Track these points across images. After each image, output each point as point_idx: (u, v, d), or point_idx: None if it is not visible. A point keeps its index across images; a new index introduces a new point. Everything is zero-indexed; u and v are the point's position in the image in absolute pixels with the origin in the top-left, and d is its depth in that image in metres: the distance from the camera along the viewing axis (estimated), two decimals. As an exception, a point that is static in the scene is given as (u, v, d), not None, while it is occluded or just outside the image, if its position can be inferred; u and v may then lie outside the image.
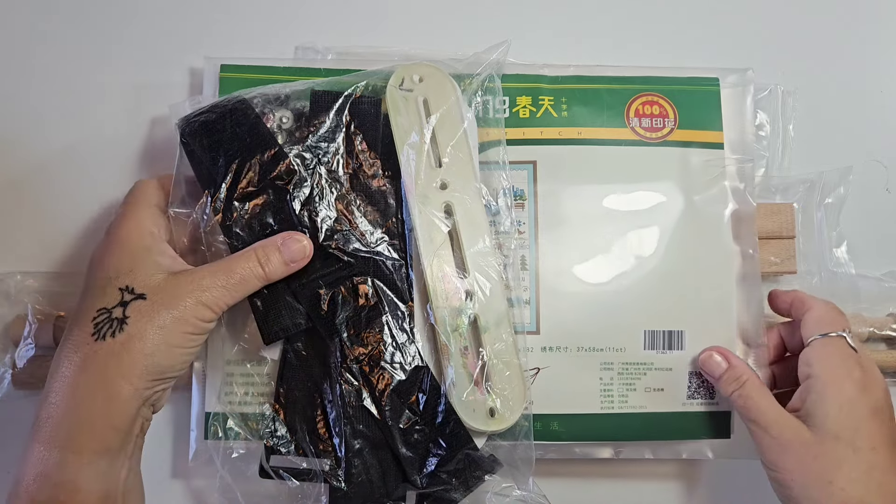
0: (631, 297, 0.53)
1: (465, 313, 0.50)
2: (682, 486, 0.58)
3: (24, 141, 0.57)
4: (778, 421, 0.48)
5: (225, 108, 0.49)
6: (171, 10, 0.59)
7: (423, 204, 0.50)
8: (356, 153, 0.51)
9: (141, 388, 0.42)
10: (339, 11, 0.60)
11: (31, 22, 0.58)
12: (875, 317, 0.59)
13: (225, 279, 0.45)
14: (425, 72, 0.52)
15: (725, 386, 0.50)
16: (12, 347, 0.53)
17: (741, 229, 0.55)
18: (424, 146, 0.51)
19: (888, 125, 0.63)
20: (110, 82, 0.58)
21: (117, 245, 0.46)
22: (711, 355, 0.52)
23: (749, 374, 0.50)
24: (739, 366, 0.51)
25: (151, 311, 0.43)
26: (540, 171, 0.54)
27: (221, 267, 0.46)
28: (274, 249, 0.47)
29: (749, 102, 0.56)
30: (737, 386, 0.50)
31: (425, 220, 0.50)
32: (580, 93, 0.55)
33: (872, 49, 0.63)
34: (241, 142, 0.49)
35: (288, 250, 0.47)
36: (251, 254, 0.46)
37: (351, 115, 0.51)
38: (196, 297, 0.44)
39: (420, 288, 0.51)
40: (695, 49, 0.62)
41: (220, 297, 0.45)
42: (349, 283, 0.49)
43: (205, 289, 0.44)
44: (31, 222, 0.56)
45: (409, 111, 0.51)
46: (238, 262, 0.46)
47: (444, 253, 0.50)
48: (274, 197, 0.49)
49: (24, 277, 0.54)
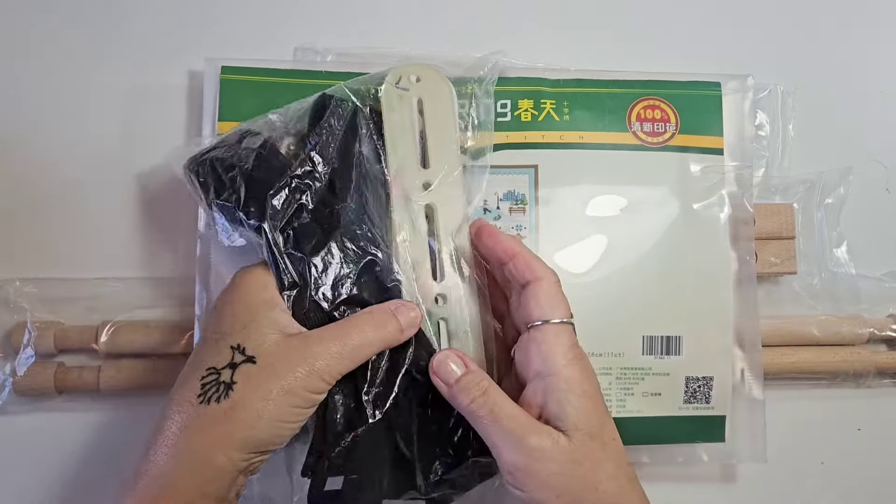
0: (630, 302, 0.53)
1: (434, 316, 0.48)
2: (679, 489, 0.59)
3: (24, 143, 0.56)
4: (533, 429, 0.41)
5: (233, 142, 0.47)
6: (169, 11, 0.58)
7: (405, 203, 0.49)
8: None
9: (238, 459, 0.39)
10: (339, 12, 0.59)
11: (31, 22, 0.57)
12: (875, 318, 0.59)
13: (340, 346, 0.41)
14: (423, 72, 0.51)
15: (464, 394, 0.42)
16: (13, 355, 0.52)
17: (739, 235, 0.55)
18: (414, 146, 0.49)
19: (888, 125, 0.63)
20: (110, 84, 0.57)
21: (238, 293, 0.43)
22: (445, 361, 0.44)
23: (490, 380, 0.43)
24: (479, 371, 0.44)
25: (260, 379, 0.40)
26: (541, 175, 0.54)
27: (335, 332, 0.42)
28: (390, 315, 0.44)
29: (748, 108, 0.56)
30: (479, 392, 0.42)
31: (405, 221, 0.49)
32: (582, 96, 0.55)
33: (872, 49, 0.63)
34: (267, 171, 0.46)
35: (404, 317, 0.44)
36: (367, 317, 0.43)
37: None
38: (309, 365, 0.40)
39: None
40: (695, 49, 0.61)
41: (334, 366, 0.41)
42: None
43: (318, 356, 0.41)
44: (30, 227, 0.56)
45: (402, 109, 0.50)
46: (353, 326, 0.43)
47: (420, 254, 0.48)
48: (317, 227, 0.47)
49: (23, 284, 0.53)
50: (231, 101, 0.53)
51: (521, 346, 0.44)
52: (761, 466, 0.56)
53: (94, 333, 0.53)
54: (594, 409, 0.42)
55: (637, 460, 0.55)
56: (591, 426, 0.41)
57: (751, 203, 0.55)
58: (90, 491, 0.54)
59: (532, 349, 0.43)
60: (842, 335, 0.58)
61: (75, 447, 0.54)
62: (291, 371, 0.40)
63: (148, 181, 0.56)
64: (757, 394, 0.55)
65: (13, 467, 0.54)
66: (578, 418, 0.41)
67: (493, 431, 0.41)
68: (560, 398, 0.41)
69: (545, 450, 0.40)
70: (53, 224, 0.56)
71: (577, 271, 0.53)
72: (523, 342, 0.44)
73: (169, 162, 0.47)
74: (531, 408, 0.42)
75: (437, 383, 0.44)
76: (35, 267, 0.55)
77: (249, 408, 0.39)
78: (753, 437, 0.55)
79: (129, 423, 0.54)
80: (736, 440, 0.54)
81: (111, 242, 0.56)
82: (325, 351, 0.41)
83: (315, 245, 0.45)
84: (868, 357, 0.58)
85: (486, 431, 0.42)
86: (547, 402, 0.42)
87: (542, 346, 0.43)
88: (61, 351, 0.53)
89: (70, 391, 0.53)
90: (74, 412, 0.54)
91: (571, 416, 0.41)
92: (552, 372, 0.42)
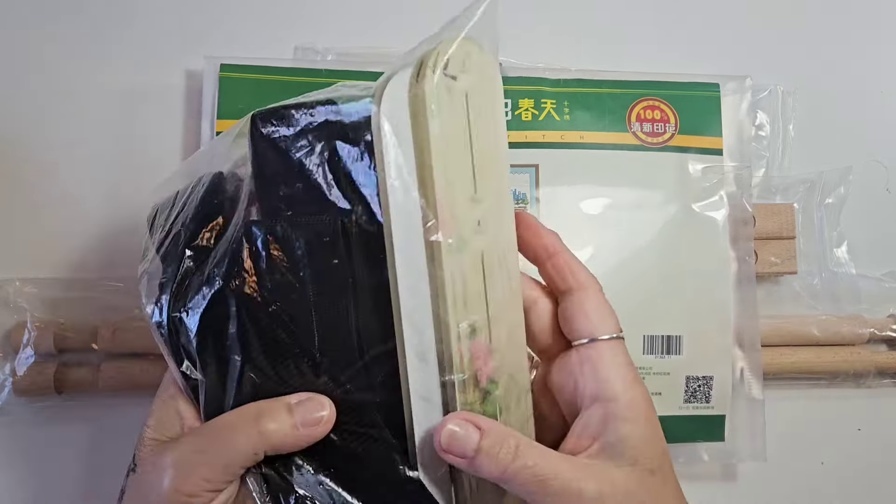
0: (630, 301, 0.53)
1: (491, 394, 0.37)
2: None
3: (23, 143, 0.56)
4: (586, 475, 0.34)
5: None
6: (169, 10, 0.58)
7: (459, 252, 0.34)
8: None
9: None
10: (339, 11, 0.59)
11: (30, 22, 0.57)
12: (875, 318, 0.59)
13: (201, 451, 0.35)
14: (472, 54, 0.35)
15: (491, 462, 0.34)
16: (12, 355, 0.52)
17: (738, 235, 0.55)
18: (468, 165, 0.35)
19: (888, 125, 0.63)
20: (110, 83, 0.57)
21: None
22: (454, 434, 0.34)
23: (515, 435, 0.35)
24: (496, 426, 0.35)
25: (136, 490, 0.36)
26: (542, 174, 0.54)
27: (200, 432, 0.36)
28: (280, 408, 0.36)
29: (747, 109, 0.57)
30: (509, 456, 0.34)
31: (456, 272, 0.34)
32: (582, 96, 0.55)
33: (873, 49, 0.63)
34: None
35: (303, 415, 0.36)
36: (247, 410, 0.36)
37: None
38: (173, 484, 0.35)
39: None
40: (696, 49, 0.61)
41: (195, 478, 0.35)
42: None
43: (177, 464, 0.35)
44: (29, 227, 0.56)
45: (454, 110, 0.34)
46: (224, 424, 0.36)
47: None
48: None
49: (22, 283, 0.53)
50: (230, 99, 0.53)
51: (567, 368, 0.38)
52: (761, 466, 0.56)
53: (94, 333, 0.53)
54: (656, 438, 0.37)
55: (637, 460, 0.55)
56: (653, 460, 0.36)
57: (750, 203, 0.55)
58: (90, 491, 0.54)
59: (587, 371, 0.37)
60: (842, 335, 0.58)
61: (75, 447, 0.54)
62: (155, 486, 0.35)
63: (147, 181, 0.56)
64: (757, 393, 0.55)
65: (13, 467, 0.53)
66: (640, 451, 0.36)
67: (542, 495, 0.34)
68: (621, 427, 0.36)
69: (605, 497, 0.34)
70: (53, 224, 0.56)
71: (577, 271, 0.53)
72: (570, 363, 0.38)
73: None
74: (583, 439, 0.36)
75: (451, 461, 0.35)
76: (35, 267, 0.55)
77: None
78: (753, 436, 0.55)
79: (128, 423, 0.54)
80: (736, 440, 0.55)
81: (111, 242, 0.55)
82: (183, 458, 0.35)
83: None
84: (868, 357, 0.58)
85: (533, 498, 0.34)
86: (605, 431, 0.36)
87: (599, 366, 0.37)
88: (61, 351, 0.53)
89: (70, 391, 0.53)
90: (74, 412, 0.54)
91: (634, 449, 0.35)
92: (613, 397, 0.36)
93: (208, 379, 0.37)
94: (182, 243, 0.37)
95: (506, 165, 0.38)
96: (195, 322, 0.36)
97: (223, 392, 0.37)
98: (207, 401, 0.37)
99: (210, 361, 0.37)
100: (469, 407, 0.36)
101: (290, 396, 0.36)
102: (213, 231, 0.38)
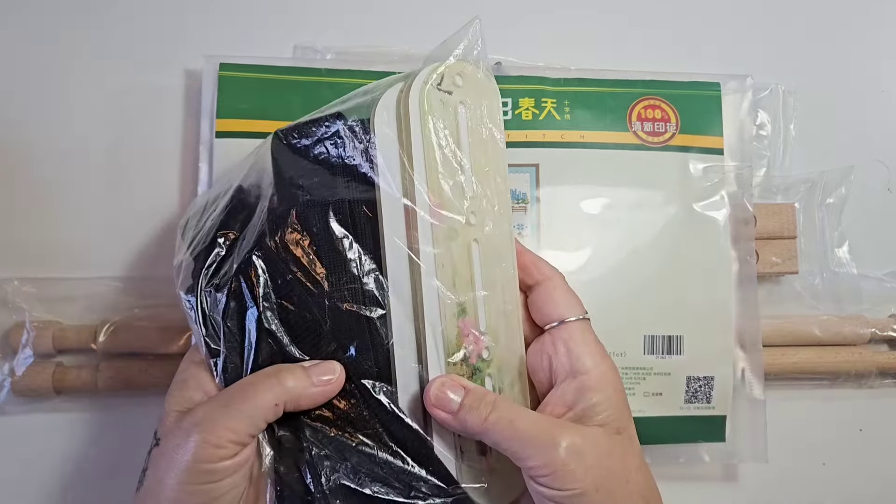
0: (631, 301, 0.53)
1: (481, 372, 0.42)
2: (681, 489, 0.59)
3: (24, 143, 0.56)
4: (563, 428, 0.39)
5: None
6: (168, 10, 0.58)
7: (450, 239, 0.41)
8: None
9: None
10: (338, 11, 0.59)
11: (30, 22, 0.57)
12: (877, 318, 0.59)
13: (225, 406, 0.38)
14: (466, 72, 0.42)
15: (473, 414, 0.39)
16: (11, 355, 0.52)
17: (739, 235, 0.55)
18: (460, 168, 0.42)
19: (890, 125, 0.62)
20: (109, 83, 0.57)
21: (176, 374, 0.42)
22: (443, 390, 0.40)
23: (494, 394, 0.41)
24: (479, 388, 0.41)
25: (160, 462, 0.38)
26: (542, 174, 0.54)
27: (225, 393, 0.39)
28: (295, 368, 0.40)
29: (748, 109, 0.56)
30: (487, 408, 0.39)
31: (445, 259, 0.41)
32: (583, 96, 0.55)
33: (874, 48, 0.63)
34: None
35: (318, 375, 0.40)
36: (265, 371, 0.40)
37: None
38: (200, 437, 0.37)
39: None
40: (696, 49, 0.61)
41: (225, 430, 0.37)
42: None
43: (203, 422, 0.37)
44: (29, 227, 0.55)
45: (446, 119, 0.41)
46: (247, 382, 0.40)
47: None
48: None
49: (21, 283, 0.53)
50: (230, 99, 0.53)
51: (541, 349, 0.43)
52: (762, 467, 0.56)
53: (93, 333, 0.53)
54: (622, 405, 0.41)
55: (638, 461, 0.55)
56: (620, 421, 0.40)
57: (751, 203, 0.55)
58: (89, 491, 0.54)
59: (560, 349, 0.42)
60: (843, 335, 0.58)
61: (74, 447, 0.54)
62: (182, 448, 0.37)
63: (147, 180, 0.56)
64: (758, 394, 0.55)
65: (12, 467, 0.53)
66: (609, 415, 0.40)
67: (517, 441, 0.38)
68: (592, 396, 0.40)
69: (580, 446, 0.38)
70: (53, 224, 0.55)
71: (577, 270, 0.53)
72: (543, 345, 0.43)
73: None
74: (557, 407, 0.41)
75: (438, 417, 0.40)
76: (34, 267, 0.55)
77: (153, 496, 0.37)
78: (754, 437, 0.55)
79: (127, 423, 0.54)
80: (737, 440, 0.54)
81: (110, 242, 0.55)
82: (208, 413, 0.38)
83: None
84: (870, 357, 0.58)
85: (509, 445, 0.39)
86: (578, 400, 0.40)
87: (571, 344, 0.42)
88: (60, 351, 0.53)
89: (68, 391, 0.53)
90: (73, 412, 0.54)
91: (603, 412, 0.40)
92: (584, 370, 0.41)
93: (229, 347, 0.41)
94: (213, 230, 0.42)
95: (504, 169, 0.43)
96: (224, 294, 0.41)
97: (241, 361, 0.41)
98: (227, 370, 0.40)
99: (233, 330, 0.41)
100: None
101: (304, 362, 0.40)
102: (240, 221, 0.43)
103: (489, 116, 0.43)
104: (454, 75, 0.41)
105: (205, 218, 0.43)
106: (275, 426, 0.40)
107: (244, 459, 0.38)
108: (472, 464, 0.42)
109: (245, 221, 0.42)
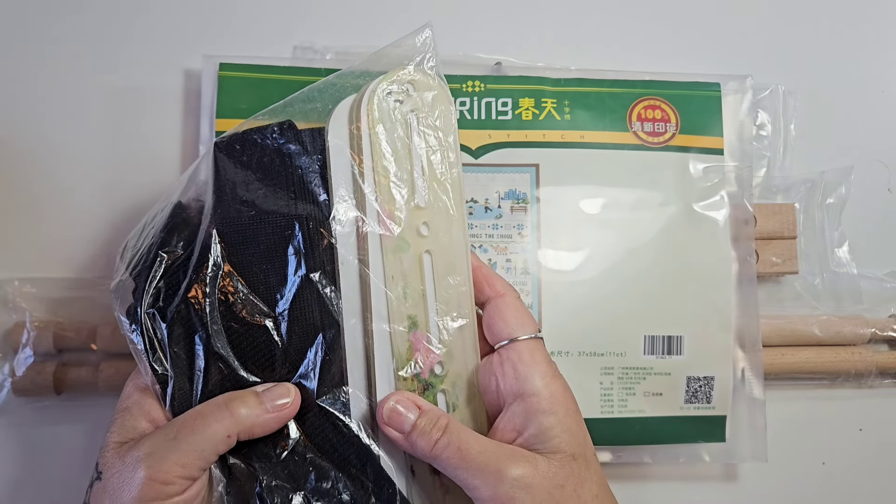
0: (632, 301, 0.53)
1: (434, 388, 0.41)
2: (681, 489, 0.59)
3: (23, 143, 0.56)
4: (511, 458, 0.37)
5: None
6: (168, 10, 0.58)
7: (401, 250, 0.40)
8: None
9: None
10: (338, 11, 0.59)
11: (30, 22, 0.57)
12: (877, 318, 0.59)
13: (173, 439, 0.36)
14: (418, 80, 0.42)
15: (423, 438, 0.37)
16: (11, 355, 0.52)
17: (739, 235, 0.55)
18: (410, 175, 0.41)
19: (890, 125, 0.62)
20: (109, 84, 0.57)
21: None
22: (397, 408, 0.38)
23: (448, 416, 0.39)
24: (433, 408, 0.39)
25: (103, 500, 0.36)
26: (542, 174, 0.54)
27: (173, 424, 0.37)
28: (249, 396, 0.38)
29: (748, 109, 0.56)
30: (438, 432, 0.37)
31: (398, 274, 0.40)
32: (583, 96, 0.55)
33: (874, 49, 0.63)
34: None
35: (271, 400, 0.38)
36: (215, 401, 0.38)
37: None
38: (146, 473, 0.35)
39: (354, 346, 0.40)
40: (697, 49, 0.61)
41: (171, 465, 0.35)
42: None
43: (149, 458, 0.35)
44: (28, 227, 0.56)
45: (396, 129, 0.41)
46: (196, 414, 0.37)
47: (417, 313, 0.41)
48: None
49: (21, 283, 0.53)
50: (229, 98, 0.53)
51: (489, 369, 0.41)
52: (762, 466, 0.56)
53: (93, 333, 0.53)
54: (576, 427, 0.39)
55: (639, 460, 0.55)
56: (574, 446, 0.38)
57: (751, 203, 0.55)
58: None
59: (507, 370, 0.40)
60: (843, 335, 0.58)
61: (74, 447, 0.54)
62: (126, 483, 0.35)
63: (146, 180, 0.56)
64: (758, 394, 0.54)
65: (12, 467, 0.53)
66: (562, 440, 0.38)
67: (465, 471, 0.37)
68: (542, 419, 0.38)
69: (527, 478, 0.36)
70: (53, 224, 0.55)
71: (577, 270, 0.53)
72: (491, 364, 0.41)
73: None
74: (507, 433, 0.39)
75: (390, 436, 0.39)
76: (34, 267, 0.55)
77: None
78: (754, 437, 0.55)
79: (127, 423, 0.54)
80: (737, 440, 0.54)
81: (110, 242, 0.55)
82: (155, 447, 0.36)
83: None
84: (870, 357, 0.58)
85: (457, 473, 0.37)
86: (528, 424, 0.38)
87: (519, 365, 0.39)
88: (60, 350, 0.53)
89: (69, 391, 0.53)
90: (73, 412, 0.54)
91: (555, 438, 0.38)
92: (533, 392, 0.39)
93: (177, 372, 0.39)
94: (154, 250, 0.40)
95: (458, 179, 0.42)
96: (167, 316, 0.39)
97: (190, 386, 0.39)
98: (175, 396, 0.39)
99: (180, 354, 0.39)
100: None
101: (257, 386, 0.39)
102: (182, 239, 0.41)
103: (442, 125, 0.42)
104: (405, 84, 0.41)
105: (143, 237, 0.42)
106: (227, 454, 0.38)
107: (194, 494, 0.36)
108: (423, 484, 0.41)
109: (188, 238, 0.41)
